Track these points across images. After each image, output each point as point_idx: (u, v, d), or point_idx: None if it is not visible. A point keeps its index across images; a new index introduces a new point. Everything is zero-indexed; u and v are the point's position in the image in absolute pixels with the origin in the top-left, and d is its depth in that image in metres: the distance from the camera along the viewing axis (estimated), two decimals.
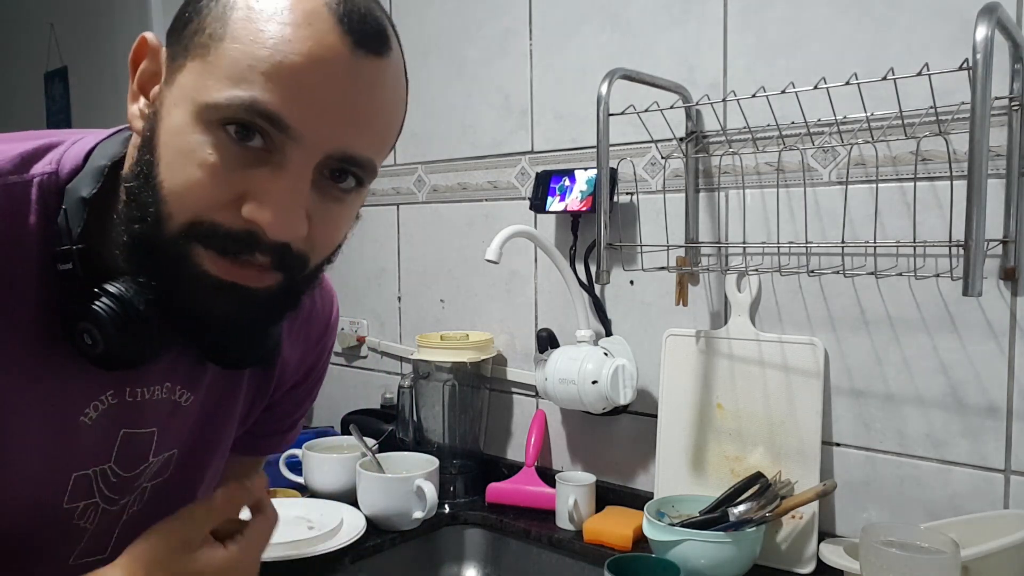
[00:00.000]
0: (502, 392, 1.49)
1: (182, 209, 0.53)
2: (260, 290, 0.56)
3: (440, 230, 1.58)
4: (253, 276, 0.55)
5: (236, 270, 0.54)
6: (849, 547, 0.98)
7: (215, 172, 0.52)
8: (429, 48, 1.57)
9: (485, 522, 1.33)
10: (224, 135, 0.52)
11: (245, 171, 0.52)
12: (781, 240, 1.13)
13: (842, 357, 1.10)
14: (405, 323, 1.66)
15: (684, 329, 1.23)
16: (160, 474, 0.70)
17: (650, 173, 1.27)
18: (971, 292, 0.80)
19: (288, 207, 0.53)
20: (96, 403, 0.61)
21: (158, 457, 0.68)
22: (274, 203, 0.52)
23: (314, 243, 0.57)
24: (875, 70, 0.98)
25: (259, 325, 0.61)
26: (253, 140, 0.52)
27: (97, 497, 0.65)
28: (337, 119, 0.53)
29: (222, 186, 0.52)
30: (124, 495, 0.67)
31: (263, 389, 0.78)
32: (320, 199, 0.55)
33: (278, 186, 0.52)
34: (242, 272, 0.55)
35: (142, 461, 0.67)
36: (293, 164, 0.53)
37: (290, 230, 0.54)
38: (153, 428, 0.66)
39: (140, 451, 0.66)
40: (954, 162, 0.99)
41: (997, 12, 0.79)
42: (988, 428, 1.00)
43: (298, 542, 1.15)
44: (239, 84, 0.51)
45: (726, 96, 1.13)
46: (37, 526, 0.63)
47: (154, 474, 0.69)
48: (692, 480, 1.20)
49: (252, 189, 0.52)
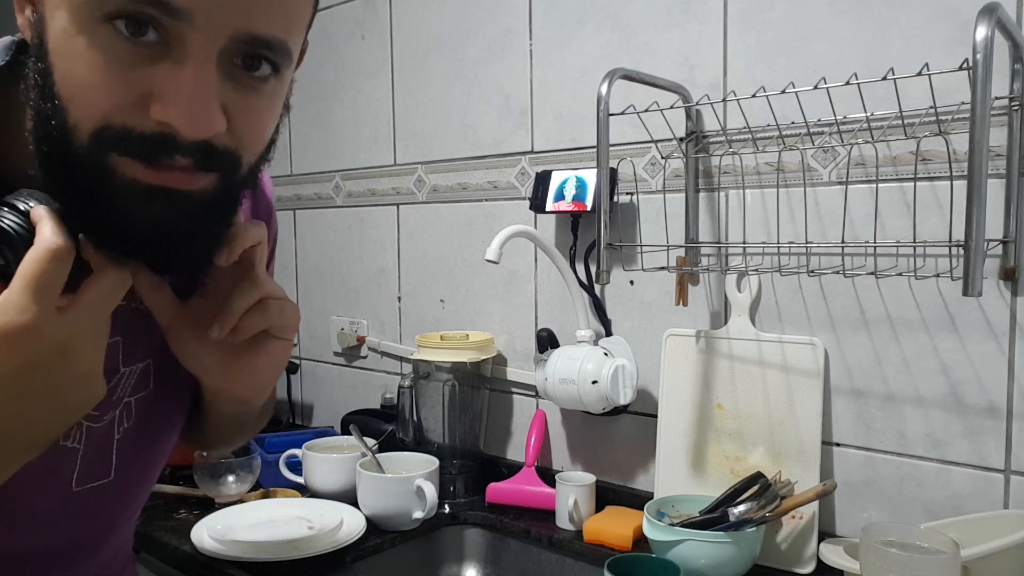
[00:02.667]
0: (502, 392, 1.49)
1: (86, 117, 0.49)
2: (195, 192, 0.53)
3: (440, 230, 1.58)
4: (182, 179, 0.52)
5: (161, 174, 0.51)
6: (849, 547, 0.98)
7: (111, 73, 0.48)
8: (429, 48, 1.57)
9: (485, 522, 1.33)
10: (113, 31, 0.48)
11: (144, 68, 0.48)
12: (781, 240, 1.13)
13: (842, 357, 1.10)
14: (405, 323, 1.66)
15: (684, 329, 1.23)
16: (141, 387, 0.68)
17: (650, 173, 1.27)
18: (971, 292, 0.80)
19: (197, 101, 0.49)
20: None
21: (130, 367, 0.66)
22: (181, 99, 0.48)
23: (240, 138, 0.53)
24: (875, 70, 0.98)
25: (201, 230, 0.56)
26: (147, 34, 0.48)
27: None
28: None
29: (122, 87, 0.49)
30: (105, 411, 0.65)
31: None
32: (235, 90, 0.52)
33: (182, 80, 0.48)
34: (169, 175, 0.51)
35: (113, 373, 0.65)
36: (194, 54, 0.48)
37: (203, 126, 0.50)
38: (117, 337, 0.64)
39: (111, 362, 0.64)
40: (954, 162, 0.99)
41: (997, 12, 0.79)
42: (988, 428, 1.00)
43: (298, 542, 1.15)
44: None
45: (726, 96, 1.13)
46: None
47: (134, 387, 0.67)
48: (692, 480, 1.20)
49: (156, 88, 0.49)
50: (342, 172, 1.76)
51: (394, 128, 1.65)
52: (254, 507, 1.29)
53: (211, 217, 0.56)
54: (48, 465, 0.63)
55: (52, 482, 0.64)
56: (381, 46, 1.66)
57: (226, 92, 0.51)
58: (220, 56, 0.50)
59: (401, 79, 1.63)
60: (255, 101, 0.53)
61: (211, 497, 1.32)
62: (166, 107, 0.49)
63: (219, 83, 0.50)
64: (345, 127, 1.75)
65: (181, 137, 0.50)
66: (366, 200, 1.72)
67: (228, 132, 0.52)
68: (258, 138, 0.56)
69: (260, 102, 0.54)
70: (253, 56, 0.52)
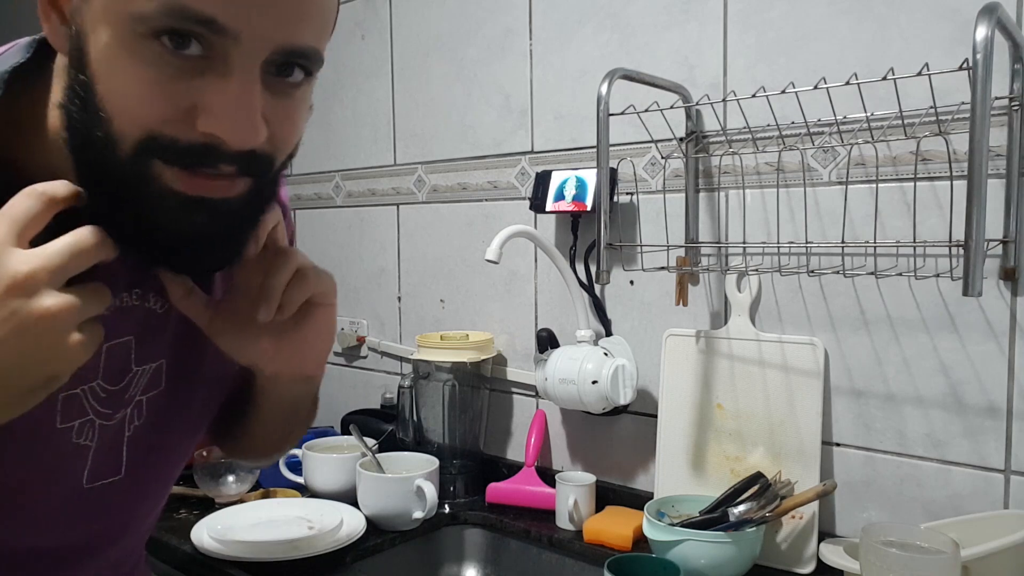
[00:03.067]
0: (502, 392, 1.49)
1: (131, 128, 0.50)
2: (232, 199, 0.54)
3: (440, 230, 1.58)
4: (222, 187, 0.53)
5: (203, 182, 0.52)
6: (849, 547, 0.98)
7: (157, 87, 0.49)
8: (429, 48, 1.57)
9: (485, 522, 1.33)
10: (159, 46, 0.49)
11: (190, 82, 0.50)
12: (781, 240, 1.13)
13: (842, 357, 1.10)
14: (405, 323, 1.66)
15: (684, 329, 1.23)
16: (153, 386, 0.69)
17: (650, 173, 1.27)
18: (971, 292, 0.80)
19: (243, 113, 0.51)
20: None
21: (142, 367, 0.67)
22: (229, 112, 0.50)
23: (276, 144, 0.55)
24: (875, 70, 0.98)
25: (234, 235, 0.58)
26: (190, 48, 0.49)
27: (91, 414, 0.64)
28: (275, 13, 0.50)
29: (168, 101, 0.50)
30: (117, 409, 0.66)
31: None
32: (272, 97, 0.53)
33: (228, 93, 0.50)
34: (210, 184, 0.53)
35: (126, 372, 0.65)
36: (238, 67, 0.50)
37: (250, 137, 0.51)
38: (129, 336, 0.65)
39: (122, 362, 0.65)
40: (954, 162, 0.99)
41: (997, 12, 0.79)
42: (988, 428, 1.00)
43: (298, 542, 1.15)
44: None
45: (726, 96, 1.13)
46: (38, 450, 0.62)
47: (146, 386, 0.68)
48: (692, 480, 1.20)
49: (202, 101, 0.50)
50: (342, 172, 1.76)
51: (394, 128, 1.65)
52: (254, 507, 1.29)
53: (246, 221, 0.58)
54: (60, 462, 0.64)
55: (64, 479, 0.65)
56: (381, 46, 1.66)
57: (265, 100, 0.53)
58: (261, 67, 0.51)
59: (401, 79, 1.63)
60: (289, 106, 0.55)
61: (211, 497, 1.32)
62: (213, 119, 0.50)
63: (261, 93, 0.52)
64: (345, 127, 1.75)
65: (226, 147, 0.51)
66: (366, 200, 1.72)
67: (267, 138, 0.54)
68: (291, 141, 0.58)
69: (293, 106, 0.56)
70: (288, 64, 0.53)
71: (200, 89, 0.50)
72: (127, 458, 0.68)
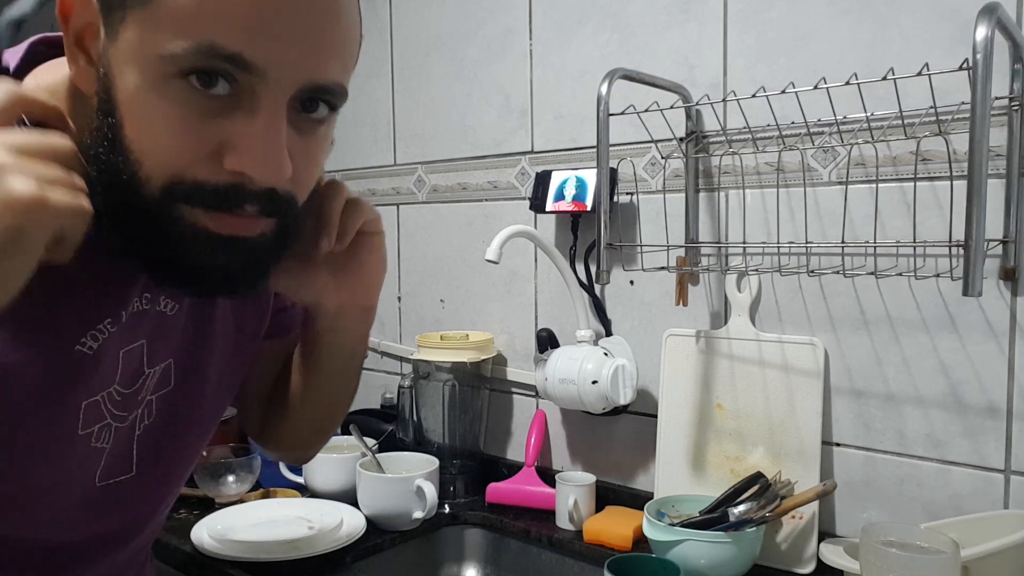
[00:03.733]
0: (502, 392, 1.49)
1: (158, 170, 0.51)
2: (256, 238, 0.55)
3: (440, 230, 1.58)
4: (248, 225, 0.54)
5: (230, 221, 0.53)
6: (849, 547, 0.98)
7: (186, 127, 0.50)
8: (429, 48, 1.57)
9: (485, 522, 1.33)
10: (187, 86, 0.49)
11: (217, 121, 0.50)
12: (781, 240, 1.13)
13: (842, 357, 1.10)
14: (405, 323, 1.66)
15: (684, 329, 1.23)
16: (163, 385, 0.69)
17: (650, 173, 1.27)
18: (971, 292, 0.80)
19: (271, 151, 0.51)
20: (94, 332, 0.60)
21: (153, 368, 0.68)
22: (256, 149, 0.51)
23: (298, 182, 0.56)
24: (875, 70, 0.98)
25: (259, 272, 0.59)
26: (218, 87, 0.50)
27: (108, 418, 0.65)
28: (301, 50, 0.51)
29: (196, 141, 0.50)
30: (131, 411, 0.67)
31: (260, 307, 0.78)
32: (297, 135, 0.54)
33: (255, 131, 0.51)
34: (236, 223, 0.54)
35: (138, 374, 0.66)
36: (265, 105, 0.51)
37: (277, 173, 0.52)
38: (142, 340, 0.65)
39: (136, 365, 0.66)
40: (954, 162, 0.99)
41: (997, 12, 0.79)
42: (988, 428, 1.00)
43: (298, 542, 1.15)
44: (191, 30, 0.48)
45: (726, 96, 1.13)
46: (61, 456, 0.62)
47: (156, 386, 0.69)
48: (692, 480, 1.20)
49: (229, 138, 0.51)
50: (342, 172, 1.76)
51: (394, 128, 1.64)
52: (254, 507, 1.29)
53: (270, 258, 0.59)
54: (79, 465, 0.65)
55: (76, 478, 0.65)
56: (381, 46, 1.66)
57: (290, 137, 0.53)
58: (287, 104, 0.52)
59: (401, 79, 1.63)
60: (312, 145, 0.56)
61: (211, 497, 1.32)
62: (241, 157, 0.51)
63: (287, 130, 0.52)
64: (345, 127, 1.75)
65: (251, 186, 0.52)
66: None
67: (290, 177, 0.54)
68: (312, 181, 0.59)
69: (316, 145, 0.57)
70: (313, 99, 0.54)
71: (227, 127, 0.51)
72: (137, 456, 0.69)
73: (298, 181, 0.56)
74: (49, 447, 0.61)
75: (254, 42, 0.49)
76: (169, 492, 0.77)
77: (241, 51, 0.48)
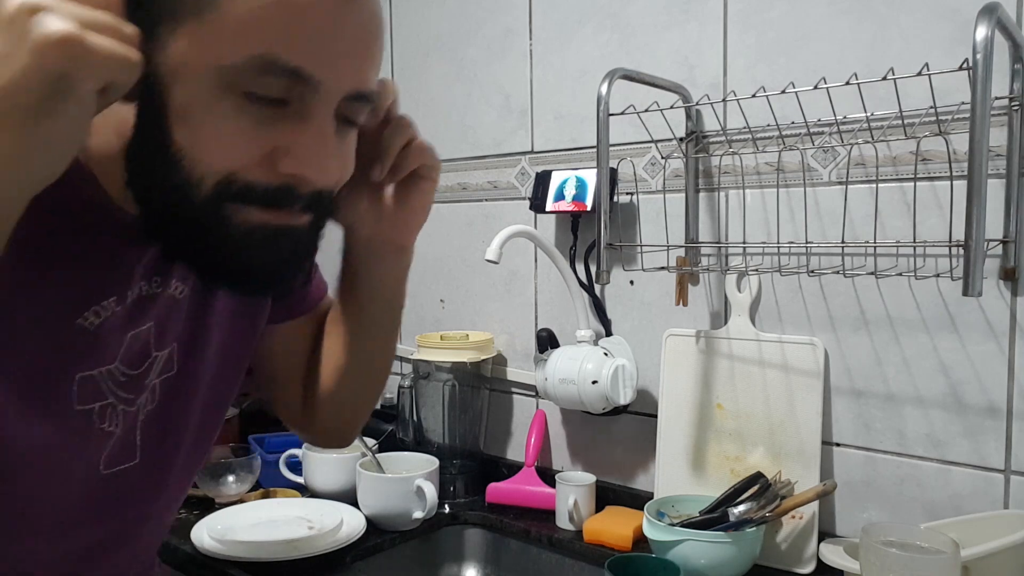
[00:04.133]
0: (502, 392, 1.49)
1: (210, 173, 0.52)
2: (300, 227, 0.58)
3: (440, 230, 1.58)
4: (296, 217, 0.57)
5: (280, 214, 0.56)
6: (849, 547, 0.98)
7: (240, 136, 0.52)
8: (429, 48, 1.57)
9: (485, 522, 1.33)
10: (243, 96, 0.51)
11: (269, 127, 0.52)
12: (781, 240, 1.13)
13: (842, 357, 1.10)
14: (405, 323, 1.65)
15: (684, 329, 1.23)
16: (167, 370, 0.70)
17: (650, 173, 1.27)
18: (971, 292, 0.80)
19: (324, 155, 0.55)
20: (97, 309, 0.60)
21: (160, 352, 0.68)
22: (311, 154, 0.54)
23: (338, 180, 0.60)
24: (875, 70, 0.98)
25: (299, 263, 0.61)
26: (271, 94, 0.52)
27: (111, 398, 0.64)
28: (349, 60, 0.54)
29: (250, 148, 0.53)
30: (137, 393, 0.67)
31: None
32: (336, 136, 0.57)
33: (308, 137, 0.53)
34: (287, 214, 0.56)
35: (145, 358, 0.67)
36: (317, 112, 0.53)
37: (332, 176, 0.56)
38: (150, 323, 0.66)
39: (143, 348, 0.66)
40: (954, 162, 0.99)
41: (997, 12, 0.79)
42: (988, 428, 1.00)
43: (298, 542, 1.15)
44: (252, 43, 0.50)
45: (726, 96, 1.13)
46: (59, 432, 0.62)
47: (160, 370, 0.69)
48: (692, 480, 1.20)
49: (284, 144, 0.53)
50: None
51: None
52: (254, 507, 1.29)
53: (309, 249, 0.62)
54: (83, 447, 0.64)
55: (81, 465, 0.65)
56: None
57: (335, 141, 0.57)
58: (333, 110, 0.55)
59: (401, 79, 1.63)
60: (348, 144, 0.59)
61: (211, 497, 1.32)
62: (297, 162, 0.54)
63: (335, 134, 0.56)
64: None
65: (302, 187, 0.55)
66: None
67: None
68: (348, 174, 0.61)
69: (350, 144, 0.60)
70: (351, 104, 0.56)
71: (280, 133, 0.53)
72: (141, 442, 0.69)
73: (338, 180, 0.59)
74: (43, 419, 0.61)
75: (312, 56, 0.51)
76: (172, 484, 0.76)
77: (301, 65, 0.51)
